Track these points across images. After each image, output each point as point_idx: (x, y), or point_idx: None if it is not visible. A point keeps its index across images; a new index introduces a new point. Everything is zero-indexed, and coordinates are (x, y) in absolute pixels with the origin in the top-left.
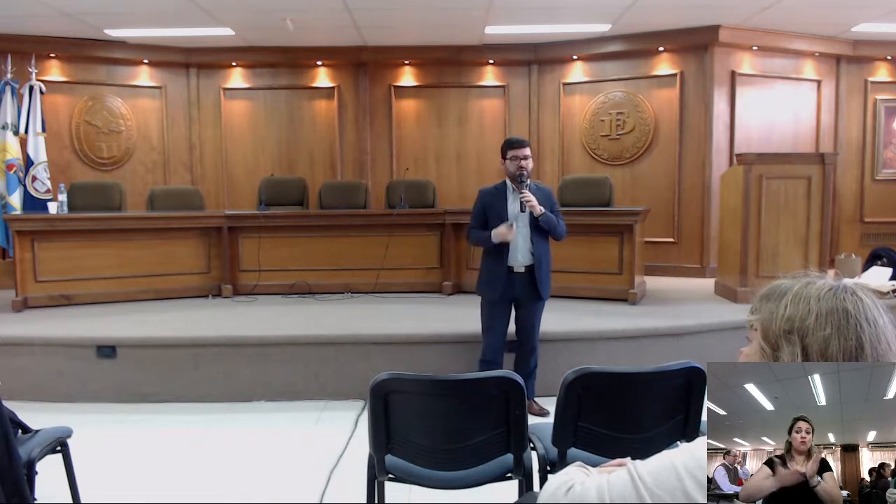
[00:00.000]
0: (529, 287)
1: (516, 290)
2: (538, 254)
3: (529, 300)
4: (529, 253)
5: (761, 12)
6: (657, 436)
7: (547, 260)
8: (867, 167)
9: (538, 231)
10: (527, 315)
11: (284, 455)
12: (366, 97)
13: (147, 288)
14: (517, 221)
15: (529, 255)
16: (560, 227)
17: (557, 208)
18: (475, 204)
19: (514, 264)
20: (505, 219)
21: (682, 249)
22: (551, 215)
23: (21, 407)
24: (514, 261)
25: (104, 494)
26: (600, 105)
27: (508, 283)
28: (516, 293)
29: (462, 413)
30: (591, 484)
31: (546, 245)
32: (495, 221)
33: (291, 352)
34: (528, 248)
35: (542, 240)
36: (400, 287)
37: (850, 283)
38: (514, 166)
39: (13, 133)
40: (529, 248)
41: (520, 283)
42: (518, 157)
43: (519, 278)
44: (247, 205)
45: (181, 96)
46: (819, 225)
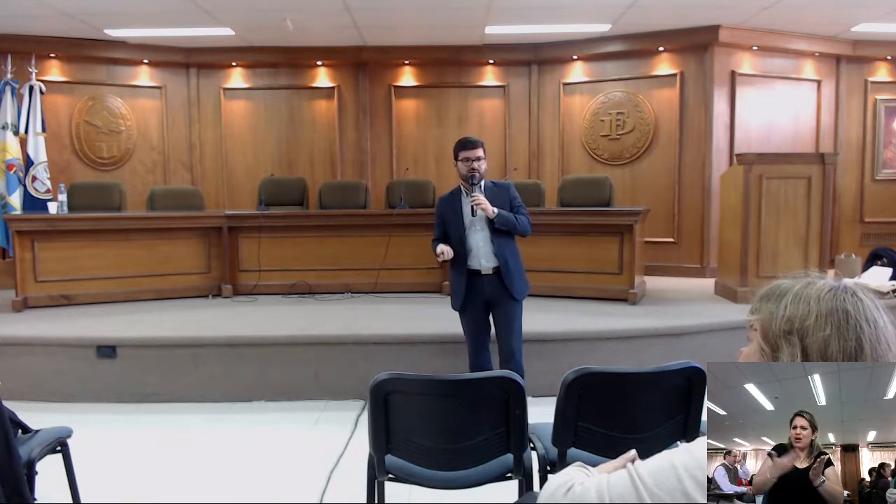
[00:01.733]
0: (499, 288)
1: (486, 292)
2: (502, 254)
3: (501, 301)
4: (493, 254)
5: (761, 12)
6: (657, 436)
7: (514, 259)
8: (867, 167)
9: (500, 230)
10: (500, 317)
11: (284, 455)
12: (366, 97)
13: (147, 288)
14: (474, 224)
15: (493, 256)
16: (521, 224)
17: (519, 202)
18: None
19: (480, 268)
20: (460, 224)
21: (682, 249)
22: (508, 214)
23: (21, 407)
24: (479, 264)
25: (104, 494)
26: (600, 105)
27: (474, 288)
28: (487, 296)
29: (462, 413)
30: (590, 484)
31: (511, 244)
32: (452, 229)
33: (291, 352)
34: (490, 249)
35: (506, 239)
36: (400, 287)
37: (851, 283)
38: (465, 168)
39: (13, 133)
40: (491, 249)
41: (488, 284)
42: (469, 159)
43: (487, 280)
44: (247, 205)
45: (181, 96)
46: (819, 225)
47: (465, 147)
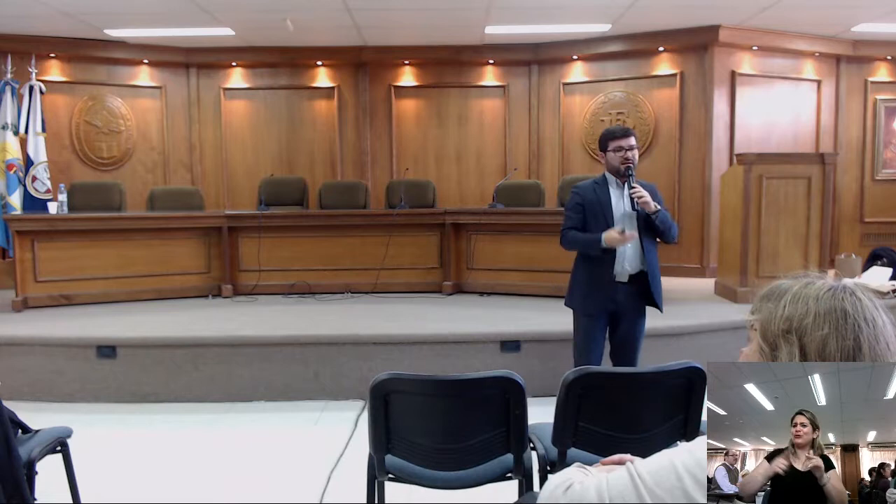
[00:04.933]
0: (636, 299)
1: (619, 302)
2: (649, 259)
3: (631, 314)
4: (639, 259)
5: (761, 12)
6: (657, 436)
7: (657, 266)
8: (867, 167)
9: (647, 233)
10: (628, 331)
11: (284, 455)
12: (366, 97)
13: (147, 288)
14: (625, 221)
15: (639, 261)
16: (675, 228)
17: (664, 205)
18: (569, 202)
19: (619, 273)
20: (609, 218)
21: (682, 249)
22: (666, 213)
23: (21, 407)
24: (621, 268)
25: (104, 494)
26: (600, 105)
27: (611, 296)
28: (618, 306)
29: (462, 413)
30: (590, 483)
31: (655, 249)
32: (596, 221)
33: (291, 352)
34: (639, 253)
35: (652, 243)
36: (400, 287)
37: (850, 283)
38: (618, 158)
39: (13, 133)
40: (640, 253)
41: (624, 294)
42: (623, 148)
43: (623, 289)
44: (247, 205)
45: (181, 96)
46: (819, 225)
47: (616, 136)
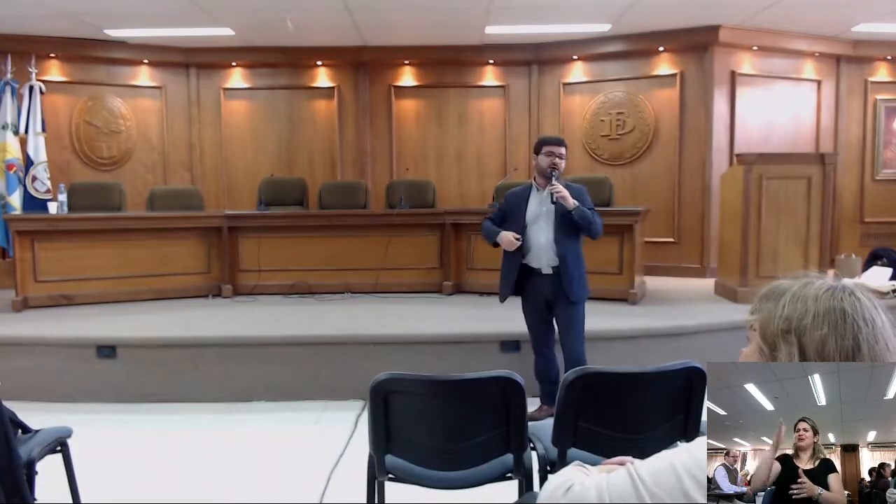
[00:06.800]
0: (557, 290)
1: (545, 292)
2: (563, 253)
3: (559, 303)
4: (553, 254)
5: (761, 12)
6: (657, 436)
7: (574, 259)
8: (867, 167)
9: (565, 229)
10: (560, 319)
11: (284, 455)
12: (366, 97)
13: (147, 288)
14: (539, 221)
15: (554, 255)
16: (597, 224)
17: (591, 206)
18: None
19: (540, 266)
20: (521, 218)
21: (682, 249)
22: (586, 210)
23: (21, 407)
24: (539, 262)
25: (104, 494)
26: (600, 105)
27: (533, 286)
28: (546, 295)
29: (462, 413)
30: (590, 483)
31: (575, 245)
32: (512, 222)
33: (291, 352)
34: (552, 248)
35: (570, 238)
36: (400, 287)
37: (849, 283)
38: (547, 161)
39: (13, 133)
40: (553, 248)
41: (547, 284)
42: (554, 154)
43: (547, 280)
44: (247, 205)
45: (181, 96)
46: (819, 225)
47: (550, 143)
